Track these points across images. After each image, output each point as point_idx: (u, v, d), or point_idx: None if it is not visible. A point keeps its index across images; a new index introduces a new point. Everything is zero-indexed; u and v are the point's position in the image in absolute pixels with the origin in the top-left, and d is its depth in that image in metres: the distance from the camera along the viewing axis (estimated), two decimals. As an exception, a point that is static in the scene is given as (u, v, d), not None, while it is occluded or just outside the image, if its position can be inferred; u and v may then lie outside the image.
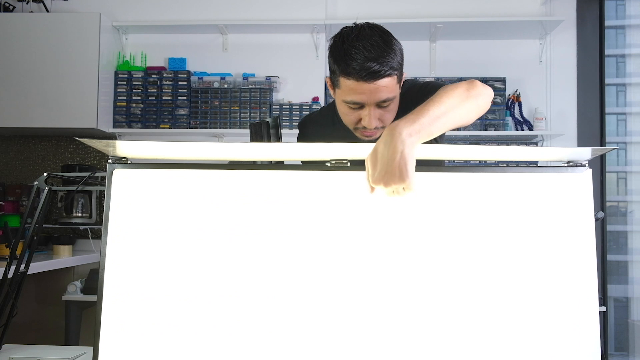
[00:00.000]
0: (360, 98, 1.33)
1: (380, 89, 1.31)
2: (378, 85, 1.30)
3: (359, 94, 1.32)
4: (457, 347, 0.98)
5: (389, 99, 1.34)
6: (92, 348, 0.99)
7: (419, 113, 1.01)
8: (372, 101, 1.33)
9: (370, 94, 1.32)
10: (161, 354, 0.98)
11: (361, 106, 1.35)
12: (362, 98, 1.33)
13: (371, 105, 1.34)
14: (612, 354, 3.49)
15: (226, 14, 3.64)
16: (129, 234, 1.00)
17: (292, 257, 1.00)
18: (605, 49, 3.55)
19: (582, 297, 0.99)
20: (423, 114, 1.01)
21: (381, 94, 1.32)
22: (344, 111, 1.39)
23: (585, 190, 1.01)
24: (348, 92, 1.33)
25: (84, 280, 2.87)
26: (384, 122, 1.38)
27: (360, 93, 1.32)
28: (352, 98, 1.33)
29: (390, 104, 1.36)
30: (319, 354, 0.97)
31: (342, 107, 1.39)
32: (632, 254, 3.54)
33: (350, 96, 1.33)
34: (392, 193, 0.96)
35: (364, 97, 1.32)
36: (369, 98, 1.32)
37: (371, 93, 1.31)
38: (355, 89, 1.32)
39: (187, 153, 1.07)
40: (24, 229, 1.35)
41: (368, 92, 1.31)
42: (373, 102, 1.33)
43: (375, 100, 1.33)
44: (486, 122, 3.48)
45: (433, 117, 1.02)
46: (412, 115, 1.01)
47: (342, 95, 1.36)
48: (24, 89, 3.38)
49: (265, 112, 3.51)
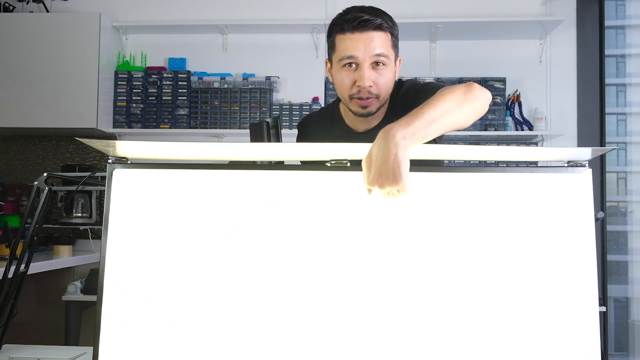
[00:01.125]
0: (354, 51, 1.38)
1: (373, 40, 1.37)
2: (371, 36, 1.37)
3: (354, 48, 1.38)
4: (457, 347, 0.98)
5: (382, 54, 1.38)
6: (92, 348, 0.99)
7: (414, 116, 1.02)
8: (366, 54, 1.37)
9: (365, 47, 1.37)
10: (161, 354, 0.98)
11: (356, 65, 1.39)
12: (357, 52, 1.38)
13: (366, 61, 1.38)
14: (612, 354, 3.49)
15: (226, 14, 3.64)
16: (129, 234, 1.00)
17: (292, 257, 1.00)
18: (605, 49, 3.54)
19: (582, 297, 0.99)
20: (418, 117, 1.02)
21: (375, 46, 1.37)
22: (341, 77, 1.43)
23: (585, 190, 1.01)
24: (343, 48, 1.39)
25: (84, 280, 2.87)
26: (378, 88, 1.42)
27: (354, 47, 1.37)
28: (347, 52, 1.38)
29: (385, 69, 1.41)
30: (319, 353, 0.97)
31: (339, 72, 1.44)
32: (632, 254, 3.54)
33: (345, 51, 1.39)
34: (388, 195, 0.97)
35: (359, 51, 1.37)
36: (364, 51, 1.37)
37: (365, 45, 1.37)
38: (350, 43, 1.38)
39: (187, 153, 1.07)
40: (24, 229, 1.35)
41: (362, 45, 1.37)
42: (368, 55, 1.37)
43: (370, 52, 1.37)
44: (486, 122, 3.48)
45: (428, 120, 1.02)
46: (407, 118, 1.01)
47: (338, 56, 1.42)
48: (24, 89, 3.38)
49: (265, 112, 3.51)
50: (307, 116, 1.75)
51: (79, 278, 2.94)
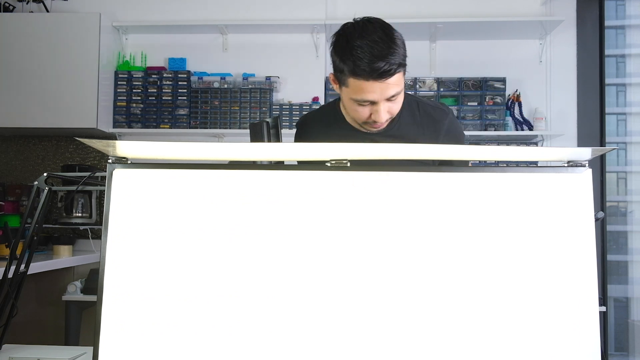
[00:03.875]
0: (371, 96, 1.37)
1: (390, 86, 1.36)
2: (388, 83, 1.35)
3: (370, 93, 1.36)
4: (457, 347, 0.98)
5: (397, 92, 1.39)
6: (92, 348, 0.99)
7: None
8: (382, 98, 1.37)
9: (380, 92, 1.36)
10: (161, 354, 0.98)
11: (371, 102, 1.39)
12: (374, 96, 1.37)
13: (382, 101, 1.38)
14: (612, 354, 3.49)
15: (226, 14, 3.64)
16: (129, 234, 1.00)
17: (292, 257, 1.00)
18: (605, 49, 3.55)
19: (582, 297, 0.99)
20: None
21: (390, 91, 1.37)
22: (354, 108, 1.43)
23: (585, 190, 1.01)
24: (358, 92, 1.37)
25: (84, 280, 2.87)
26: (392, 113, 1.44)
27: (371, 92, 1.36)
28: (363, 97, 1.38)
29: (398, 96, 1.41)
30: (319, 353, 0.97)
31: (351, 105, 1.43)
32: (632, 254, 3.54)
33: (361, 95, 1.38)
34: None
35: (375, 95, 1.37)
36: (380, 95, 1.37)
37: (382, 91, 1.36)
38: (365, 88, 1.36)
39: (187, 153, 1.07)
40: (24, 229, 1.35)
41: (379, 91, 1.36)
42: (383, 98, 1.38)
43: (385, 96, 1.37)
44: (486, 122, 3.48)
45: None
46: None
47: (351, 94, 1.39)
48: (24, 89, 3.38)
49: (265, 112, 3.51)
50: (307, 115, 1.74)
51: (79, 278, 2.94)
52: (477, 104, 3.49)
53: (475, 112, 3.49)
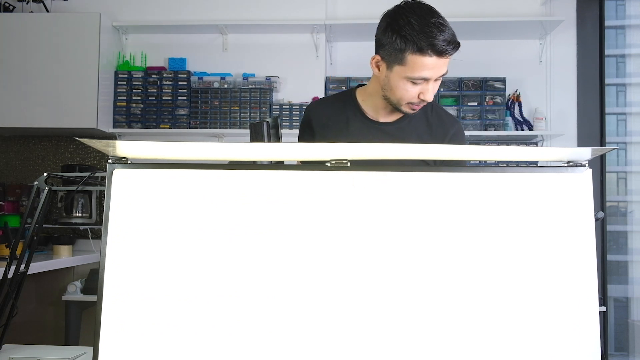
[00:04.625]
0: (429, 73, 1.41)
1: (445, 64, 1.42)
2: (445, 60, 1.41)
3: (429, 69, 1.41)
4: (457, 347, 0.98)
5: (446, 72, 1.46)
6: (92, 348, 0.99)
7: None
8: (437, 75, 1.43)
9: (438, 69, 1.42)
10: (161, 354, 0.98)
11: (425, 80, 1.43)
12: (431, 73, 1.42)
13: (433, 79, 1.44)
14: (612, 354, 3.49)
15: (226, 14, 3.64)
16: (129, 234, 1.00)
17: (292, 257, 1.00)
18: (605, 49, 3.55)
19: (582, 297, 0.99)
20: None
21: (443, 69, 1.43)
22: (405, 88, 1.46)
23: (585, 190, 1.01)
24: (418, 68, 1.41)
25: (84, 280, 2.87)
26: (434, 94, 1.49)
27: (430, 68, 1.40)
28: (422, 73, 1.41)
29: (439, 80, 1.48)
30: (319, 353, 0.97)
31: (403, 84, 1.46)
32: (632, 254, 3.54)
33: (420, 72, 1.41)
34: None
35: (433, 71, 1.42)
36: (437, 72, 1.42)
37: (439, 68, 1.42)
38: (427, 65, 1.40)
39: (187, 153, 1.07)
40: (24, 229, 1.35)
41: (437, 67, 1.41)
42: (437, 75, 1.43)
43: (439, 74, 1.44)
44: (486, 122, 3.48)
45: None
46: None
47: (407, 72, 1.43)
48: (24, 89, 3.38)
49: (265, 112, 3.51)
50: (318, 101, 1.75)
51: (79, 278, 2.94)
52: (477, 104, 3.49)
53: (475, 112, 3.49)
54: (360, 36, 3.57)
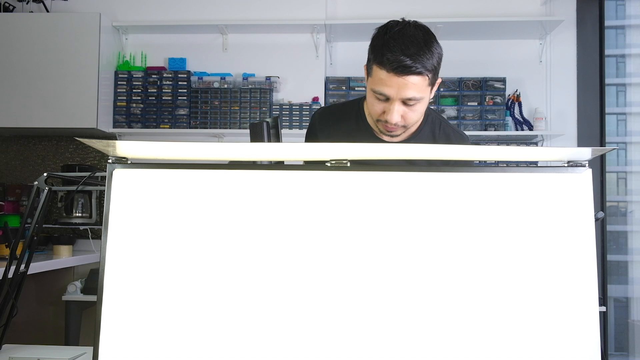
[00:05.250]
0: (387, 91, 1.35)
1: (408, 86, 1.34)
2: (407, 81, 1.33)
3: (387, 86, 1.35)
4: (457, 347, 0.98)
5: (415, 98, 1.36)
6: (92, 348, 0.99)
7: None
8: (398, 96, 1.35)
9: (397, 89, 1.34)
10: (161, 354, 0.98)
11: (387, 99, 1.37)
12: (389, 91, 1.35)
13: (396, 100, 1.36)
14: (612, 354, 3.49)
15: (226, 14, 3.64)
16: (129, 234, 1.00)
17: (292, 257, 1.00)
18: (605, 49, 3.55)
19: (582, 297, 0.99)
20: None
21: (408, 91, 1.34)
22: (371, 101, 1.43)
23: (585, 190, 1.01)
24: (377, 82, 1.37)
25: (84, 280, 2.87)
26: (406, 121, 1.41)
27: (388, 85, 1.35)
28: (380, 89, 1.36)
29: (417, 104, 1.38)
30: (319, 353, 0.97)
31: (370, 97, 1.43)
32: (632, 254, 3.54)
33: (379, 86, 1.37)
34: None
35: (391, 90, 1.35)
36: (395, 92, 1.35)
37: (399, 88, 1.34)
38: (384, 81, 1.35)
39: (187, 153, 1.07)
40: (24, 229, 1.35)
41: (396, 86, 1.34)
42: (399, 97, 1.36)
43: (401, 96, 1.35)
44: (486, 122, 3.48)
45: None
46: None
47: (372, 84, 1.39)
48: (24, 89, 3.38)
49: (265, 112, 3.51)
50: (325, 110, 1.71)
51: (79, 278, 2.94)
52: (477, 104, 3.49)
53: (475, 112, 3.49)
54: (360, 36, 3.56)
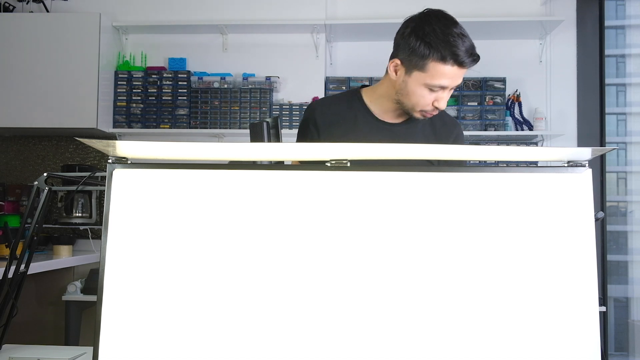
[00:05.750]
0: (447, 82, 1.46)
1: (462, 75, 1.48)
2: (464, 71, 1.47)
3: (450, 78, 1.46)
4: (457, 347, 0.98)
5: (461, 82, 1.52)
6: (92, 348, 0.99)
7: None
8: (454, 84, 1.49)
9: (455, 79, 1.48)
10: (161, 354, 0.98)
11: (442, 88, 1.48)
12: (449, 82, 1.47)
13: (449, 88, 1.49)
14: (612, 354, 3.49)
15: (226, 14, 3.64)
16: (129, 234, 1.00)
17: (292, 257, 1.00)
18: (605, 49, 3.54)
19: (582, 297, 0.99)
20: None
21: (460, 79, 1.50)
22: (422, 94, 1.50)
23: (585, 190, 1.01)
24: (437, 76, 1.45)
25: (84, 280, 2.87)
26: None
27: (449, 77, 1.46)
28: (442, 82, 1.46)
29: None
30: (319, 353, 0.97)
31: (420, 90, 1.50)
32: (632, 254, 3.54)
33: (439, 80, 1.46)
34: None
35: (451, 81, 1.47)
36: (454, 82, 1.48)
37: (457, 78, 1.48)
38: (447, 74, 1.45)
39: (187, 153, 1.07)
40: (24, 229, 1.35)
41: (456, 77, 1.47)
42: (454, 85, 1.49)
43: (455, 84, 1.49)
44: (486, 122, 3.48)
45: None
46: None
47: (427, 79, 1.47)
48: (24, 89, 3.38)
49: (265, 112, 3.51)
50: (322, 100, 1.76)
51: (79, 278, 2.94)
52: (477, 104, 3.49)
53: (475, 112, 3.49)
54: (360, 36, 3.57)
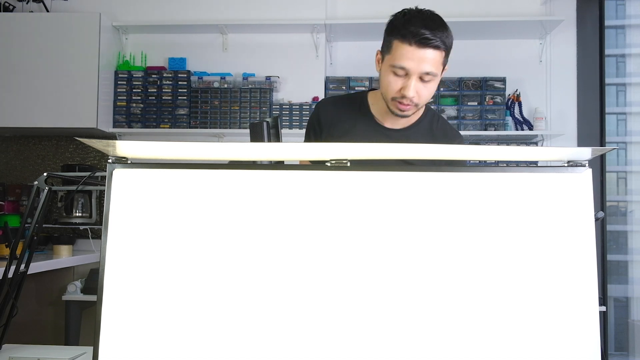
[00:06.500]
0: (408, 64, 1.44)
1: (427, 59, 1.44)
2: (426, 54, 1.43)
3: (408, 59, 1.44)
4: (457, 347, 0.98)
5: (432, 73, 1.46)
6: (92, 348, 0.99)
7: None
8: (417, 70, 1.45)
9: (418, 62, 1.44)
10: (161, 354, 0.98)
11: (406, 74, 1.46)
12: (410, 64, 1.44)
13: (415, 74, 1.45)
14: (612, 354, 3.49)
15: (226, 14, 3.64)
16: (129, 234, 1.00)
17: (292, 257, 1.00)
18: (605, 49, 3.54)
19: (582, 297, 0.99)
20: None
21: (426, 65, 1.44)
22: (389, 79, 1.49)
23: (585, 190, 1.01)
24: (398, 57, 1.45)
25: (84, 280, 2.87)
26: (420, 97, 1.50)
27: (409, 58, 1.44)
28: (401, 63, 1.45)
29: (431, 81, 1.48)
30: (319, 353, 0.97)
31: (387, 76, 1.50)
32: (632, 254, 3.54)
33: (399, 61, 1.45)
34: None
35: (412, 63, 1.44)
36: (416, 65, 1.44)
37: (419, 61, 1.44)
38: (406, 54, 1.44)
39: (187, 153, 1.07)
40: (24, 229, 1.35)
41: (417, 59, 1.44)
42: (418, 71, 1.45)
43: (420, 69, 1.45)
44: (486, 122, 3.48)
45: None
46: None
47: (391, 60, 1.47)
48: (24, 89, 3.38)
49: (265, 112, 3.51)
50: (330, 99, 1.79)
51: (79, 278, 2.94)
52: (477, 103, 3.49)
53: (475, 112, 3.49)
54: (360, 36, 3.57)
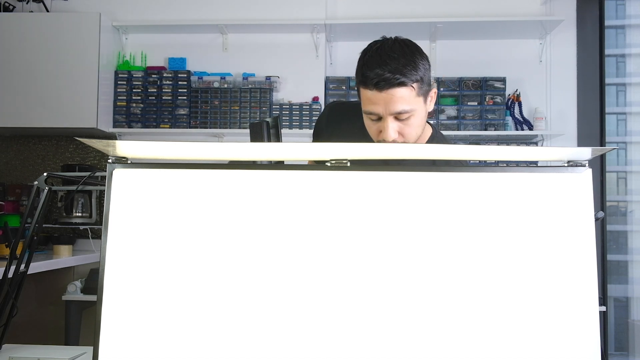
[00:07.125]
0: (375, 108, 1.33)
1: (394, 99, 1.30)
2: (391, 95, 1.30)
3: (374, 104, 1.32)
4: (457, 347, 0.98)
5: (406, 111, 1.32)
6: (92, 348, 0.99)
7: None
8: (387, 112, 1.32)
9: (385, 105, 1.31)
10: (161, 354, 0.98)
11: (379, 118, 1.34)
12: (378, 109, 1.33)
13: (387, 116, 1.32)
14: (612, 354, 3.49)
15: (226, 14, 3.64)
16: (129, 234, 1.00)
17: (292, 257, 1.00)
18: (605, 49, 3.55)
19: (582, 297, 0.99)
20: None
21: (395, 105, 1.31)
22: (367, 124, 1.40)
23: (585, 190, 1.01)
24: (366, 103, 1.34)
25: (84, 280, 2.87)
26: (404, 136, 1.36)
27: (375, 103, 1.32)
28: (369, 108, 1.34)
29: (410, 117, 1.34)
30: (319, 353, 0.97)
31: (365, 119, 1.40)
32: (632, 254, 3.54)
33: (367, 106, 1.34)
34: None
35: (379, 108, 1.32)
36: (384, 109, 1.32)
37: (386, 103, 1.31)
38: (371, 99, 1.32)
39: (187, 153, 1.07)
40: (24, 229, 1.35)
41: (382, 103, 1.31)
42: (388, 112, 1.32)
43: (390, 111, 1.31)
44: (486, 122, 3.48)
45: None
46: None
47: (362, 105, 1.37)
48: (24, 89, 3.38)
49: (265, 112, 3.51)
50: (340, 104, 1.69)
51: (79, 278, 2.94)
52: (477, 103, 3.50)
53: (475, 112, 3.49)
54: (360, 36, 3.57)
